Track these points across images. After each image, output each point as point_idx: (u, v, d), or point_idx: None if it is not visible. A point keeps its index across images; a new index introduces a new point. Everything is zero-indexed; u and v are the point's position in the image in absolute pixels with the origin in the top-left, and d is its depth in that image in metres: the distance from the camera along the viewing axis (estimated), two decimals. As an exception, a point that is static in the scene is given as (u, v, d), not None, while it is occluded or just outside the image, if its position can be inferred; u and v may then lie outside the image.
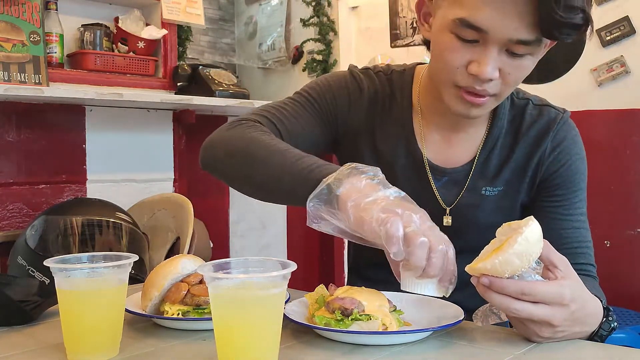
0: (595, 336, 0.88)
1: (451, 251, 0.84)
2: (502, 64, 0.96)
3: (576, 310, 0.81)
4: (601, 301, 0.89)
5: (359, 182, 0.85)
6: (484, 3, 0.91)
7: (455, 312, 0.91)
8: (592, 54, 2.70)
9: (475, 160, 1.12)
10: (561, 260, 0.82)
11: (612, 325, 0.89)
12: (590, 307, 0.85)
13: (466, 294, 1.05)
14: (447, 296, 0.87)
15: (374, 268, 1.20)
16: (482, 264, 0.79)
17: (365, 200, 0.83)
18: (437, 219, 1.02)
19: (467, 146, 1.13)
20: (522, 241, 0.76)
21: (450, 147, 1.14)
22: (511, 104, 1.15)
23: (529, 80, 1.11)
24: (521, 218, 1.01)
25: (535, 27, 0.91)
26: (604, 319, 0.88)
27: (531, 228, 0.78)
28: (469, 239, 1.01)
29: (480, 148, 1.13)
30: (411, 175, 1.13)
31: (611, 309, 0.90)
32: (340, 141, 1.18)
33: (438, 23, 0.99)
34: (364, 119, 1.16)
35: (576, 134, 1.15)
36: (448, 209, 1.13)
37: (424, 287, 0.84)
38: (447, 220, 1.13)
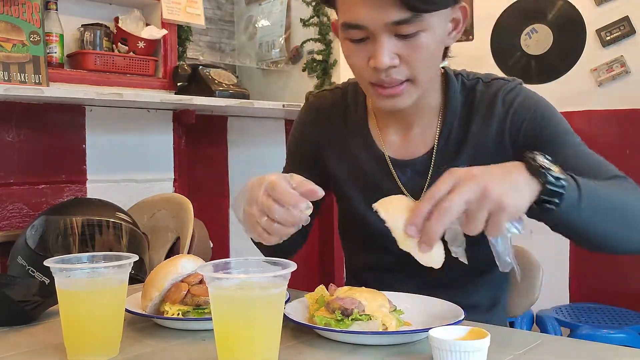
0: (546, 184, 0.84)
1: (286, 181, 0.88)
2: (398, 49, 0.99)
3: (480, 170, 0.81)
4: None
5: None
6: (354, 2, 0.98)
7: (455, 312, 0.91)
8: (592, 54, 2.70)
9: (435, 147, 1.14)
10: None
11: (546, 169, 0.84)
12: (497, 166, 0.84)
13: (460, 291, 1.06)
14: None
15: (370, 271, 1.21)
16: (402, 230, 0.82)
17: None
18: None
19: (424, 138, 1.16)
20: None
21: (409, 142, 1.17)
22: (462, 87, 1.16)
23: (529, 80, 1.11)
24: None
25: (402, 5, 0.94)
26: (528, 156, 0.85)
27: None
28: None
29: (437, 135, 1.15)
30: (378, 176, 1.17)
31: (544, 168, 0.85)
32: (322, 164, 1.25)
33: (339, 35, 1.06)
34: (326, 136, 1.24)
35: (529, 92, 1.13)
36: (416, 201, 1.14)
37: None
38: None
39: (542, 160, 0.85)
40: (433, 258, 0.83)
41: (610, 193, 0.94)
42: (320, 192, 0.88)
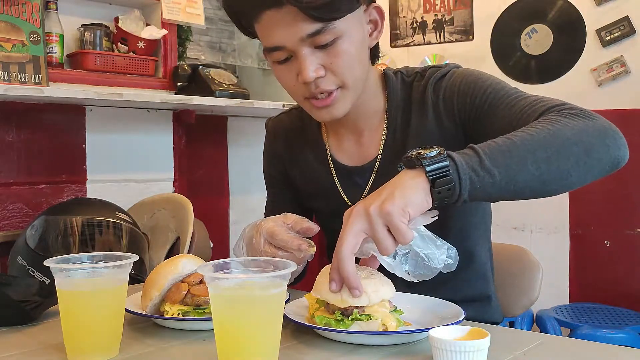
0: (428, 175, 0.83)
1: (282, 224, 0.99)
2: (320, 59, 1.01)
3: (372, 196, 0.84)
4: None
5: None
6: (268, 26, 1.00)
7: (455, 312, 0.91)
8: (592, 54, 2.70)
9: (381, 148, 1.16)
10: None
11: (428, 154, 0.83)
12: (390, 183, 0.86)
13: (449, 286, 1.06)
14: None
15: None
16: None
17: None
18: None
19: (375, 140, 1.18)
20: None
21: (362, 147, 1.19)
22: (402, 83, 1.17)
23: (529, 80, 1.11)
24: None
25: (310, 18, 0.96)
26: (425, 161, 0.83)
27: None
28: None
29: (384, 135, 1.16)
30: (337, 187, 1.20)
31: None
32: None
33: (267, 60, 1.09)
34: (288, 157, 1.29)
35: (459, 72, 1.12)
36: None
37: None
38: None
39: (414, 151, 0.86)
40: (386, 288, 0.87)
41: (528, 138, 0.85)
42: (315, 229, 0.97)
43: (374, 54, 1.13)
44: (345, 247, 0.82)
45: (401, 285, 1.03)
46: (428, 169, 0.83)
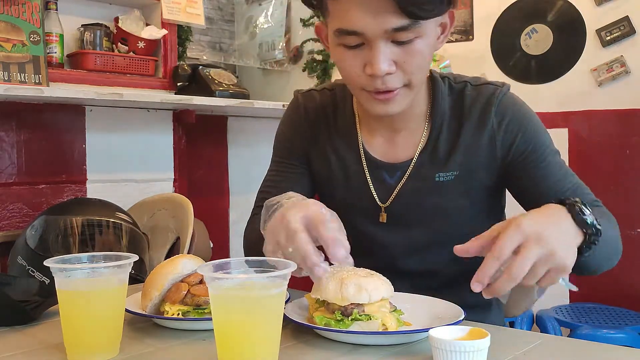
0: (582, 224, 0.89)
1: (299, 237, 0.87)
2: (394, 55, 0.99)
3: (526, 219, 0.84)
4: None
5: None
6: (348, 8, 0.96)
7: (455, 312, 0.91)
8: (592, 54, 2.70)
9: (419, 152, 1.13)
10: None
11: (581, 208, 0.89)
12: (540, 211, 0.89)
13: (453, 290, 1.06)
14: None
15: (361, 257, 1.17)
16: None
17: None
18: (376, 214, 1.16)
19: (412, 141, 1.15)
20: None
21: (395, 146, 1.16)
22: (449, 89, 1.16)
23: (529, 80, 1.13)
24: (488, 200, 1.13)
25: (401, 12, 0.94)
26: (574, 207, 0.89)
27: None
28: (436, 227, 1.05)
29: (424, 138, 1.14)
30: (363, 178, 1.17)
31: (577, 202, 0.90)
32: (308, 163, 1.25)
33: (330, 40, 1.05)
34: (313, 135, 1.23)
35: (518, 100, 1.15)
36: (383, 206, 1.15)
37: None
38: (382, 217, 1.16)
39: (587, 213, 0.89)
40: (385, 287, 0.89)
41: (606, 230, 0.96)
42: (349, 260, 0.87)
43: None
44: (519, 272, 0.80)
45: (403, 287, 1.03)
46: (591, 238, 0.89)
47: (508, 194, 1.20)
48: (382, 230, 1.16)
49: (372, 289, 0.85)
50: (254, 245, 1.11)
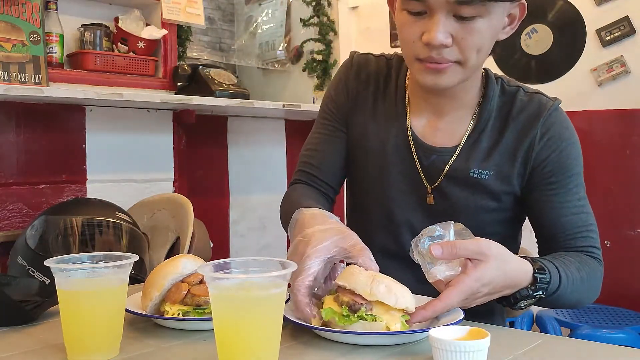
0: (513, 299, 0.98)
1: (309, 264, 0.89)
2: (453, 29, 1.00)
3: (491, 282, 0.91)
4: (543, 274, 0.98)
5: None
6: None
7: (455, 312, 0.91)
8: (592, 54, 2.70)
9: (463, 142, 1.14)
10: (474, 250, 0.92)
11: (530, 293, 0.97)
12: (511, 266, 0.95)
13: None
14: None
15: (386, 257, 1.14)
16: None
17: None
18: (421, 197, 1.16)
19: (454, 129, 1.15)
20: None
21: (438, 131, 1.16)
22: (501, 90, 1.16)
23: (529, 80, 1.14)
24: (514, 208, 1.14)
25: None
26: (529, 285, 0.97)
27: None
28: (457, 219, 1.05)
29: (469, 131, 1.14)
30: (401, 153, 1.17)
31: (545, 280, 0.98)
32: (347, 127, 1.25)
33: (396, 5, 1.06)
34: (362, 97, 1.22)
35: (567, 120, 1.16)
36: (430, 188, 1.15)
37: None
38: (430, 199, 1.16)
39: (539, 270, 0.98)
40: (412, 300, 0.90)
41: (576, 280, 1.04)
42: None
43: (493, 48, 1.11)
44: (448, 301, 0.89)
45: (414, 276, 1.03)
46: (535, 294, 0.97)
47: None
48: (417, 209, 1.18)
49: (400, 295, 0.85)
50: (284, 222, 1.16)
